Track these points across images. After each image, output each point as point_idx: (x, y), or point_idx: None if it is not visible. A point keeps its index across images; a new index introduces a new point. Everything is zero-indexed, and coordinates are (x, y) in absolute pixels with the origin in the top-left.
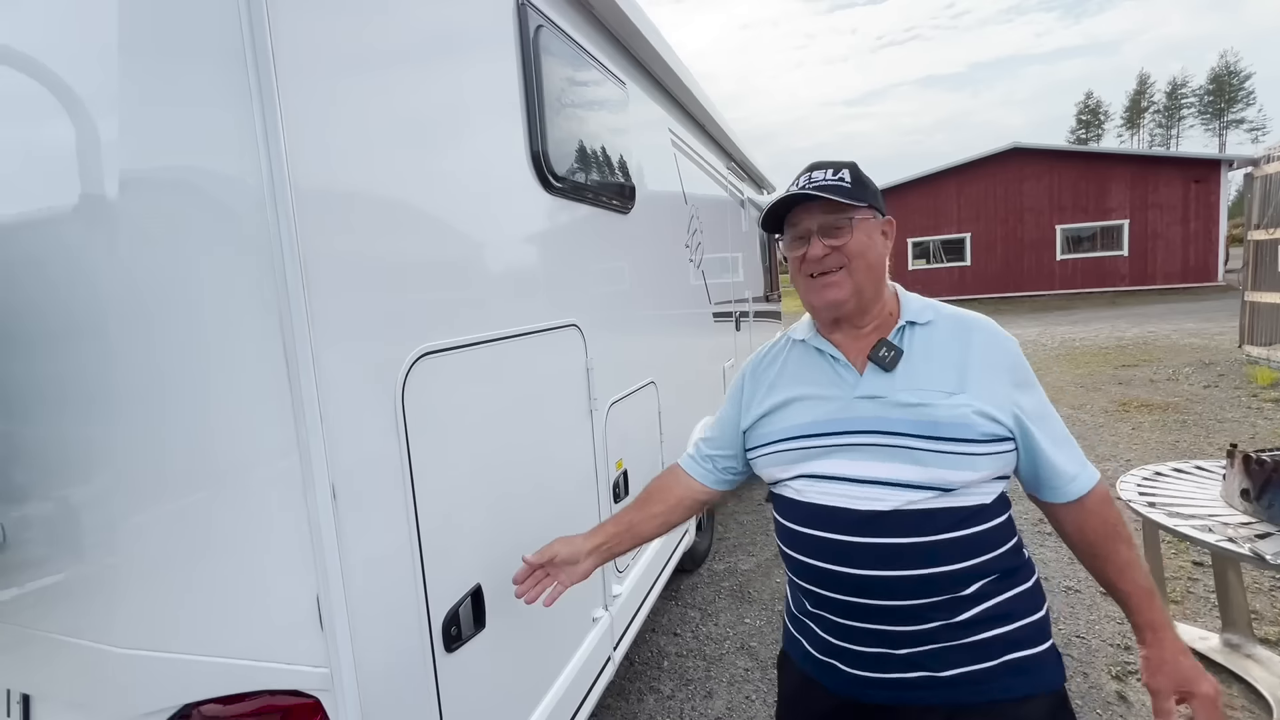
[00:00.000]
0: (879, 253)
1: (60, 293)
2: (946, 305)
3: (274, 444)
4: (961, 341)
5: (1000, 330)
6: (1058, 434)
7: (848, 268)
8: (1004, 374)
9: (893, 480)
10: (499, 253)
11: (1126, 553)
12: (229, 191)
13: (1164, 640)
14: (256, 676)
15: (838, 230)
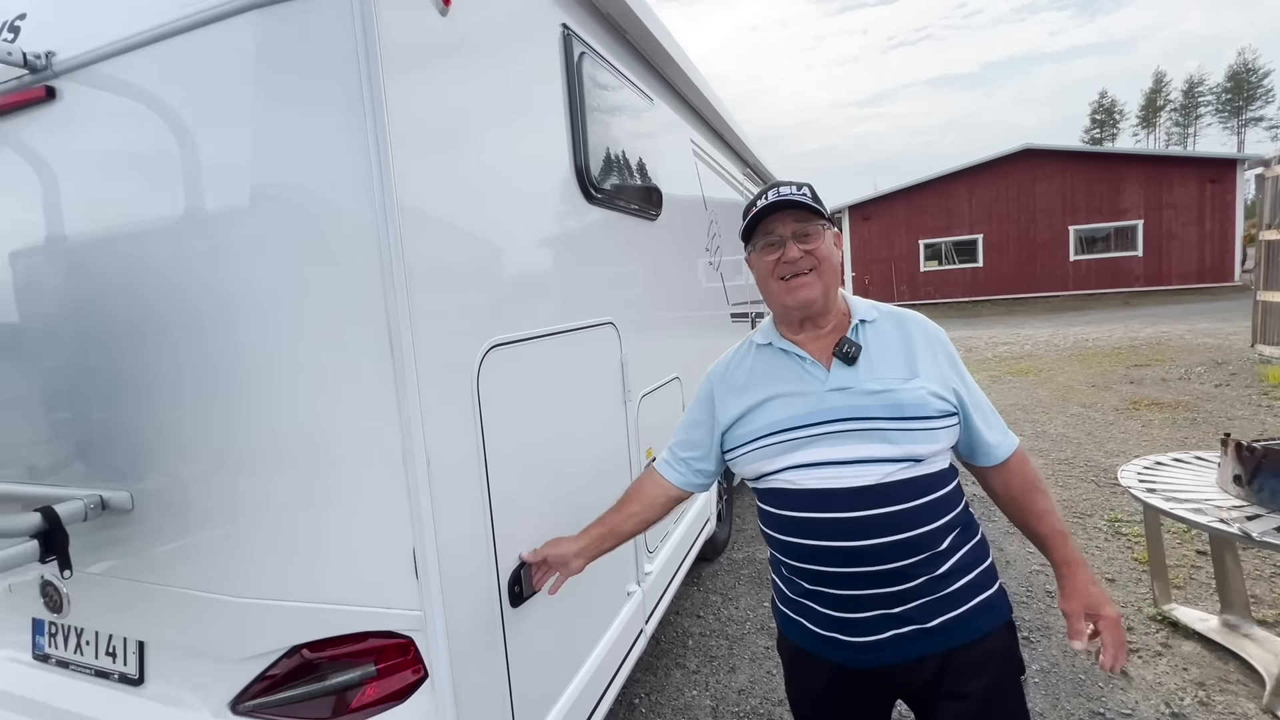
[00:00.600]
0: (838, 259)
1: (196, 294)
2: (881, 303)
3: (378, 420)
4: (903, 333)
5: (929, 321)
6: (985, 408)
7: (818, 270)
8: (943, 359)
9: (872, 458)
10: (550, 258)
11: (1043, 502)
12: (346, 212)
13: (1076, 573)
14: (358, 620)
15: (809, 236)
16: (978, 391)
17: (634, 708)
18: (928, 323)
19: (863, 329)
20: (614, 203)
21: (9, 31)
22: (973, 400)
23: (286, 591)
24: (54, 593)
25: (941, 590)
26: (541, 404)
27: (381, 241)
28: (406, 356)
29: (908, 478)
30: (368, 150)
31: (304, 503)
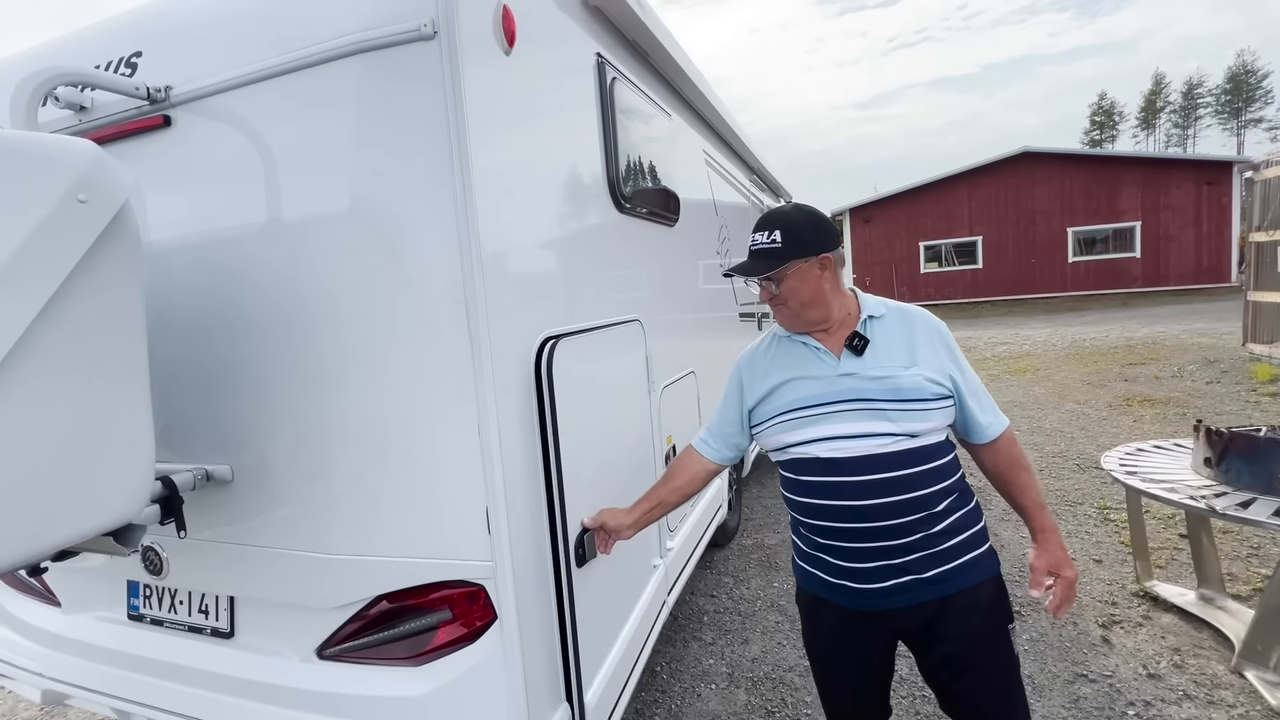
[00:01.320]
0: (814, 286)
1: (304, 296)
2: (892, 301)
3: (459, 399)
4: (907, 327)
5: (933, 317)
6: (979, 393)
7: (787, 304)
8: (941, 349)
9: (874, 433)
10: (590, 261)
11: (1025, 478)
12: (435, 220)
13: (1049, 539)
14: (436, 570)
15: (774, 281)
16: (974, 378)
17: (656, 675)
18: (931, 317)
19: (870, 324)
20: (639, 210)
21: (126, 67)
22: (968, 386)
23: (371, 548)
24: (154, 557)
25: (937, 546)
26: (587, 390)
27: (463, 245)
28: (483, 344)
29: (905, 449)
30: (452, 168)
31: (392, 470)
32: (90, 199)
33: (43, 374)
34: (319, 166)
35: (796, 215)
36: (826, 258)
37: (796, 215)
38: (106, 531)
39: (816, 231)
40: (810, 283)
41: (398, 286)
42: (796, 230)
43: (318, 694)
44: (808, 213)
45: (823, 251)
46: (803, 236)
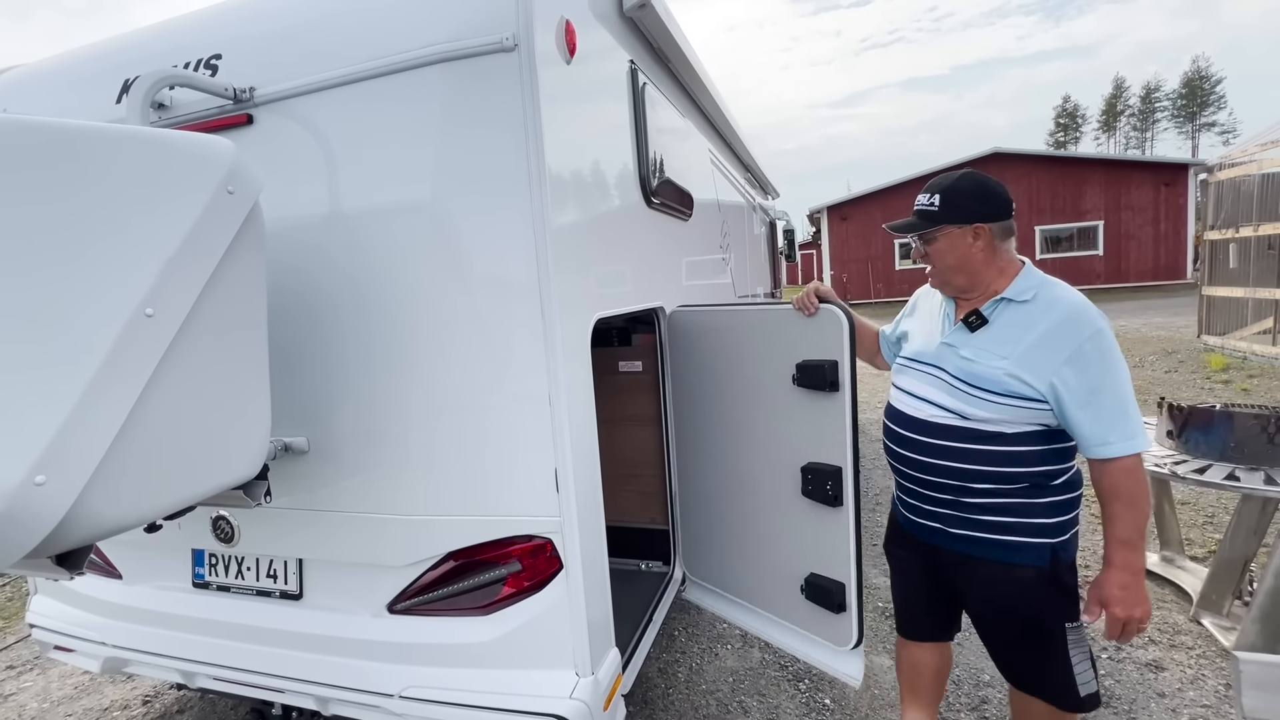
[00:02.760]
0: (962, 254)
1: (385, 278)
2: (1060, 289)
3: (530, 371)
4: (1040, 320)
5: (1084, 320)
6: (1099, 407)
7: (934, 267)
8: (1059, 352)
9: (933, 401)
10: (626, 253)
11: (1118, 509)
12: (511, 215)
13: (1108, 574)
14: (506, 526)
15: (924, 242)
16: (1101, 390)
17: (675, 638)
18: (1080, 317)
19: (1002, 306)
20: (663, 206)
21: (206, 68)
22: (1079, 397)
23: (441, 508)
24: (226, 526)
25: (966, 514)
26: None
27: (537, 235)
28: (555, 324)
29: (953, 425)
30: (528, 164)
31: (466, 438)
32: (236, 191)
33: (201, 343)
34: (400, 163)
35: (962, 182)
36: (981, 227)
37: (962, 182)
38: (238, 485)
39: (978, 200)
40: (959, 250)
41: (475, 273)
42: (956, 196)
43: (389, 644)
44: (976, 181)
45: (979, 220)
46: (960, 203)
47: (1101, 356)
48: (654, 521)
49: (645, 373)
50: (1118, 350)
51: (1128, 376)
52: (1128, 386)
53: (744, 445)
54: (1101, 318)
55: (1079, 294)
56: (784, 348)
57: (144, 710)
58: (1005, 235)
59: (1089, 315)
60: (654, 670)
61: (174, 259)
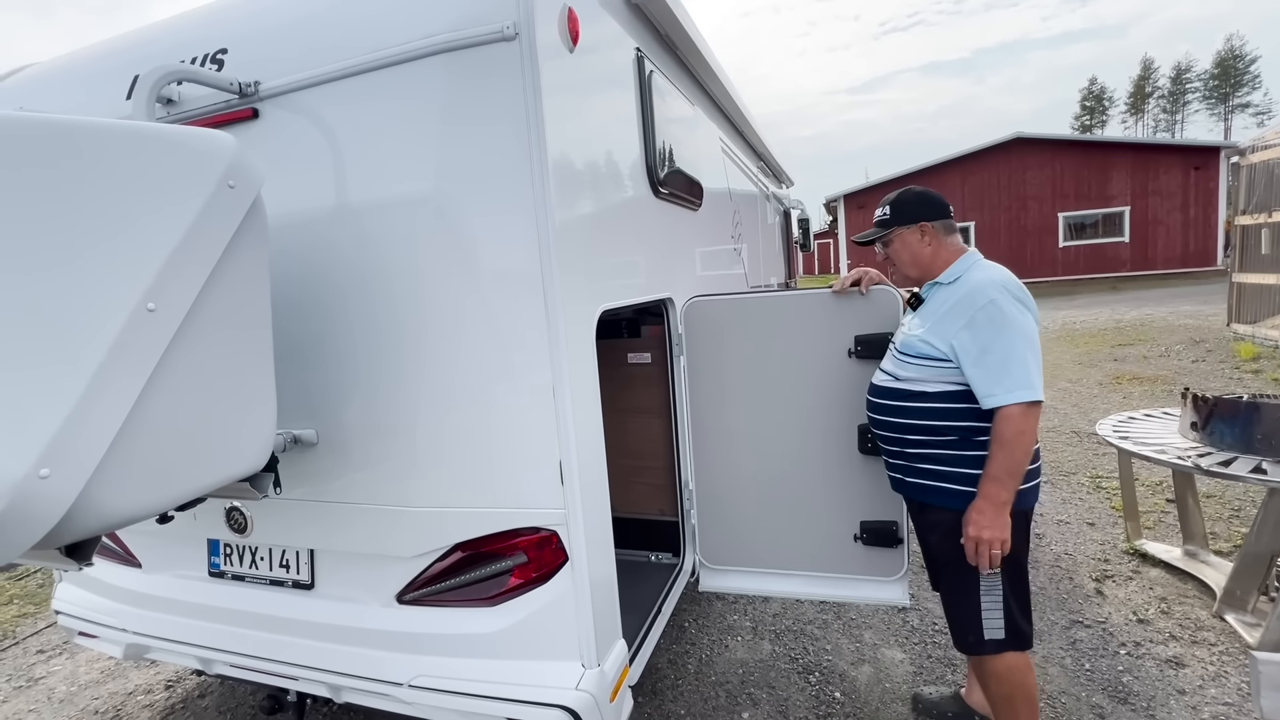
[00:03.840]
0: (913, 250)
1: (394, 272)
2: (978, 271)
3: (535, 364)
4: (952, 296)
5: (981, 292)
6: (987, 365)
7: (895, 265)
8: (959, 320)
9: (885, 369)
10: (634, 245)
11: (993, 449)
12: (515, 205)
13: (974, 501)
14: (512, 519)
15: (884, 245)
16: (988, 350)
17: (685, 630)
18: (982, 289)
19: (934, 289)
20: (671, 196)
21: (212, 63)
22: (972, 355)
23: (449, 500)
24: (239, 516)
25: (911, 462)
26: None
27: (540, 226)
28: (558, 317)
29: (893, 387)
30: (530, 155)
31: (473, 430)
32: (237, 185)
33: (203, 337)
34: (404, 155)
35: (906, 194)
36: (925, 225)
37: (906, 194)
38: (244, 477)
39: (920, 205)
40: (910, 247)
41: (480, 266)
42: (902, 205)
43: (398, 634)
44: (917, 192)
45: (923, 220)
46: (906, 209)
47: (991, 321)
48: (663, 513)
49: (654, 364)
50: (1013, 317)
51: (1022, 340)
52: (1019, 347)
53: (788, 421)
54: (999, 290)
55: (996, 273)
56: (838, 326)
57: (166, 695)
58: (948, 231)
59: (986, 289)
60: (664, 661)
61: (175, 254)
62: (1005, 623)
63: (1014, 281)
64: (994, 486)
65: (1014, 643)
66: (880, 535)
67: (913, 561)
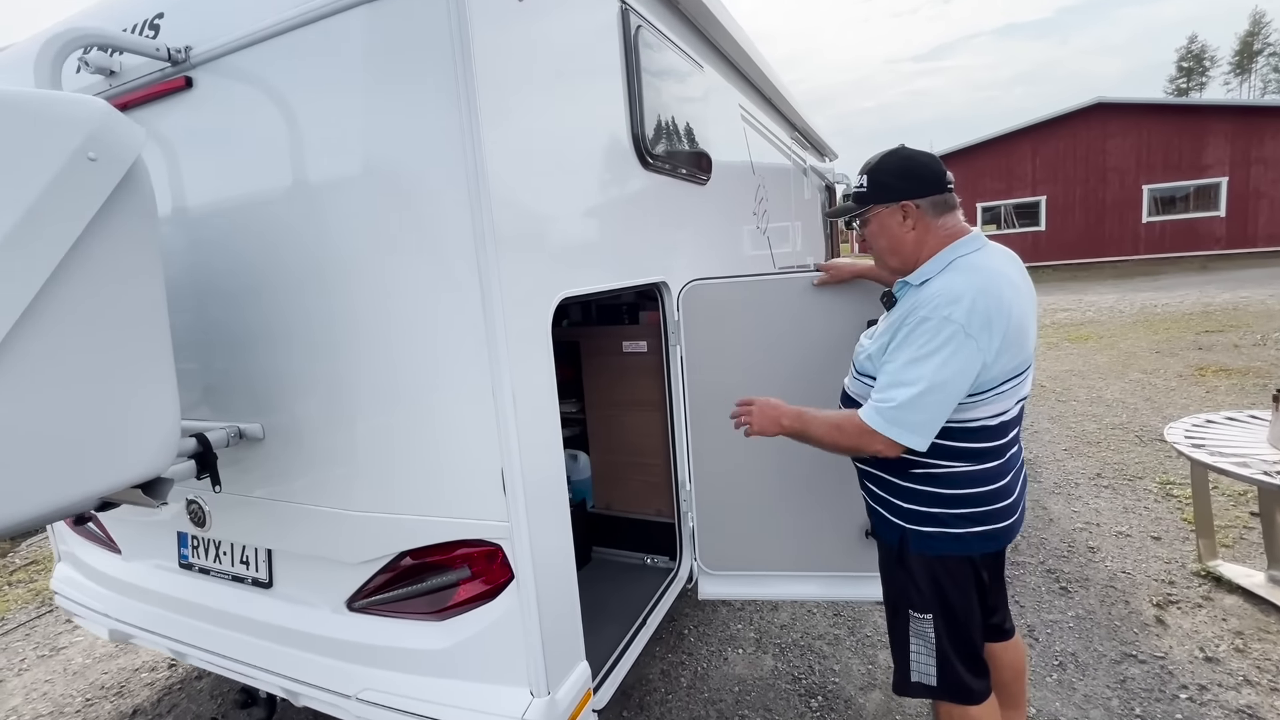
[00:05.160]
0: (893, 234)
1: (316, 255)
2: (947, 276)
3: (471, 358)
4: (914, 299)
5: (922, 305)
6: (884, 369)
7: (873, 251)
8: (901, 329)
9: (849, 376)
10: (611, 220)
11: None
12: (444, 178)
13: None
14: (455, 529)
15: (861, 226)
16: (890, 362)
17: (683, 637)
18: (920, 304)
19: (905, 290)
20: (666, 168)
21: (149, 29)
22: (879, 357)
23: (393, 506)
24: (199, 510)
25: (860, 482)
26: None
27: (474, 203)
28: (495, 305)
29: (843, 399)
30: (460, 121)
31: (410, 431)
32: (101, 157)
33: (59, 331)
34: (330, 123)
35: (887, 160)
36: (909, 205)
37: (887, 160)
38: (135, 484)
39: (902, 177)
40: (889, 230)
41: (409, 246)
42: (881, 175)
43: (347, 643)
44: (902, 157)
45: (906, 198)
46: (885, 182)
47: (910, 337)
48: (660, 513)
49: (651, 354)
50: (939, 342)
51: (933, 382)
52: (918, 374)
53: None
54: (950, 307)
55: (970, 281)
56: (850, 308)
57: (168, 674)
58: (941, 210)
59: (936, 302)
60: (656, 672)
61: (11, 235)
62: (938, 670)
63: (987, 300)
64: (795, 420)
65: (949, 693)
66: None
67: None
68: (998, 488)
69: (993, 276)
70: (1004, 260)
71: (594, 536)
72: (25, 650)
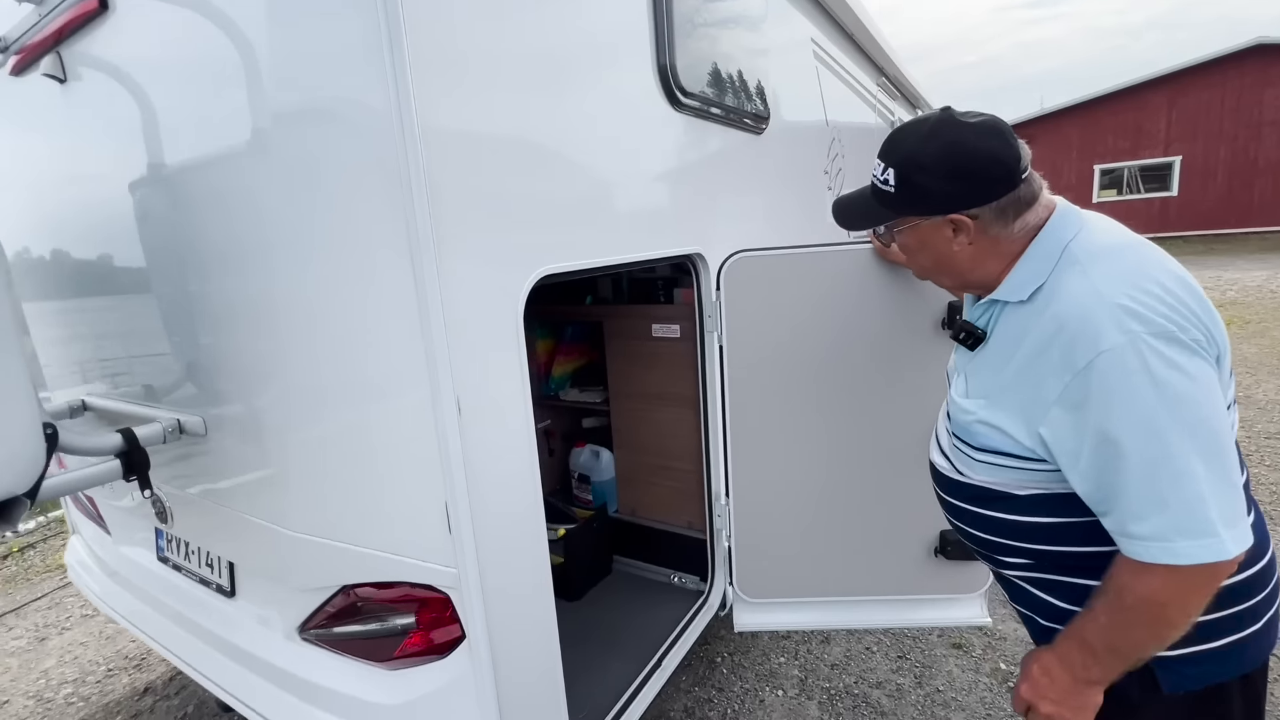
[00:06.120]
0: (939, 251)
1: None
2: (1082, 280)
3: (407, 360)
4: (1030, 333)
5: (1089, 329)
6: (1110, 483)
7: (909, 261)
8: (1047, 385)
9: (940, 441)
10: (620, 175)
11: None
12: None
13: (1046, 653)
14: (399, 569)
15: (893, 233)
16: (1123, 459)
17: (715, 666)
18: (1083, 323)
19: (998, 312)
20: (707, 110)
21: None
22: (1081, 463)
23: (334, 532)
24: (159, 503)
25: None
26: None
27: (399, 151)
28: (430, 287)
29: (952, 478)
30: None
31: (344, 443)
32: None
33: None
34: (240, 50)
35: (926, 148)
36: (960, 219)
37: (926, 148)
38: None
39: (951, 178)
40: (933, 246)
41: (326, 210)
42: (917, 173)
43: (296, 678)
44: (948, 143)
45: (956, 209)
46: (924, 185)
47: (1110, 394)
48: (691, 526)
49: (685, 340)
50: (1163, 381)
51: (1182, 429)
52: (1178, 445)
53: (858, 413)
54: (1124, 319)
55: (1117, 271)
56: (928, 287)
57: None
58: (1015, 213)
59: (1098, 322)
60: (678, 709)
61: None
62: None
63: (1159, 282)
64: (1081, 652)
65: None
66: (965, 546)
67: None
68: (1261, 554)
69: (1142, 248)
70: (1119, 228)
71: (616, 545)
72: (73, 608)
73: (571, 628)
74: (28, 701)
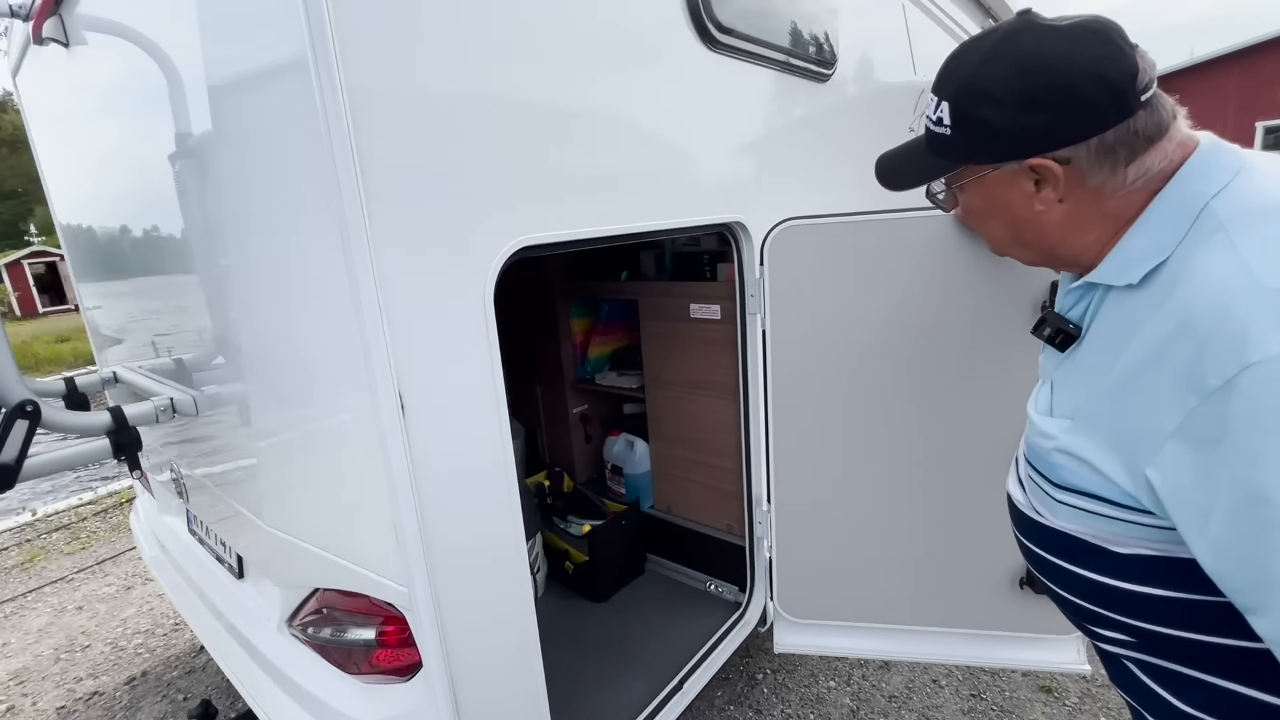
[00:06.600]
0: (1015, 210)
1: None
2: (1221, 253)
3: (345, 347)
4: (1140, 333)
5: (1225, 331)
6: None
7: (976, 229)
8: (1162, 408)
9: (1020, 473)
10: (635, 129)
11: None
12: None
13: None
14: (359, 580)
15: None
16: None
17: (755, 683)
18: (1217, 318)
19: (1098, 298)
20: (753, 52)
21: None
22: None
23: (306, 535)
24: (179, 482)
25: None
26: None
27: (324, 95)
28: (361, 264)
29: (1034, 520)
30: None
31: (303, 446)
32: None
33: None
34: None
35: (995, 69)
36: (1044, 165)
37: (995, 69)
38: None
39: (1030, 107)
40: (1007, 206)
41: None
42: (982, 105)
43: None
44: (1023, 59)
45: (1037, 150)
46: (992, 119)
47: (1263, 430)
48: (730, 531)
49: (727, 323)
50: None
51: None
52: None
53: (927, 414)
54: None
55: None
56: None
57: None
58: (1118, 158)
59: (1249, 318)
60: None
61: None
62: None
63: None
64: None
65: None
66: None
67: None
68: None
69: None
70: None
71: (650, 543)
72: None
73: (592, 633)
74: (104, 648)
